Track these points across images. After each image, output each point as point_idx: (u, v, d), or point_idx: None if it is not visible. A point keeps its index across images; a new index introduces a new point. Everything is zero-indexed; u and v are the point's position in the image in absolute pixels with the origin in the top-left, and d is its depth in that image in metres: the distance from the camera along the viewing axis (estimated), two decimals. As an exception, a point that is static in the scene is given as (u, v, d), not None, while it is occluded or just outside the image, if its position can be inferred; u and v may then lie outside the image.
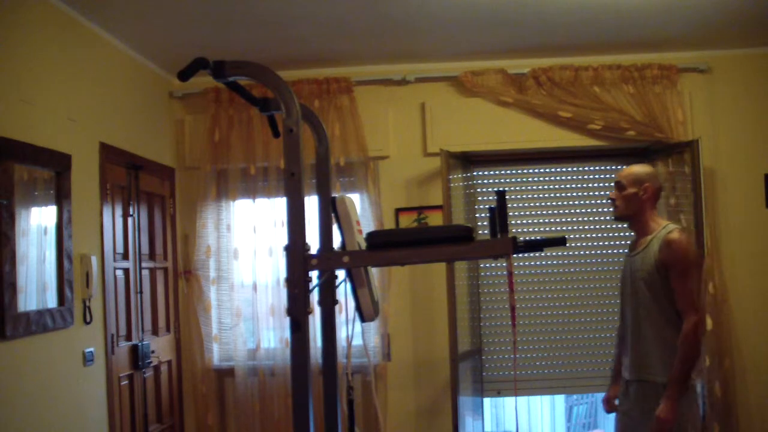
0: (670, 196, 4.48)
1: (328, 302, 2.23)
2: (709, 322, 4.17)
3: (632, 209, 2.89)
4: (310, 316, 1.85)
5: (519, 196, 4.61)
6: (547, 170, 4.66)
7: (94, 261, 3.48)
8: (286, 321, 2.58)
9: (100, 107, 3.69)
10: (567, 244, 2.16)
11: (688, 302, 2.72)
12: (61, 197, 3.22)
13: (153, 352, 4.09)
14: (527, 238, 2.83)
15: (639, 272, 2.84)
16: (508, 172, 4.67)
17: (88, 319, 3.42)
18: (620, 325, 3.06)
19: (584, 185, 4.63)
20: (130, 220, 3.95)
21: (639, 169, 2.94)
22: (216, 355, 4.55)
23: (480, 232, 4.50)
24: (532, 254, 4.54)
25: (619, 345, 3.06)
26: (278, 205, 4.51)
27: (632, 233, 3.01)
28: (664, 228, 2.83)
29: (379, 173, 4.58)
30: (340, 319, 3.46)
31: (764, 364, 4.39)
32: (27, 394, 2.93)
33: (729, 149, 4.51)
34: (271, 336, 4.50)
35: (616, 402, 3.06)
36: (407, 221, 4.55)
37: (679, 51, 4.53)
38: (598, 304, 4.57)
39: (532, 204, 4.63)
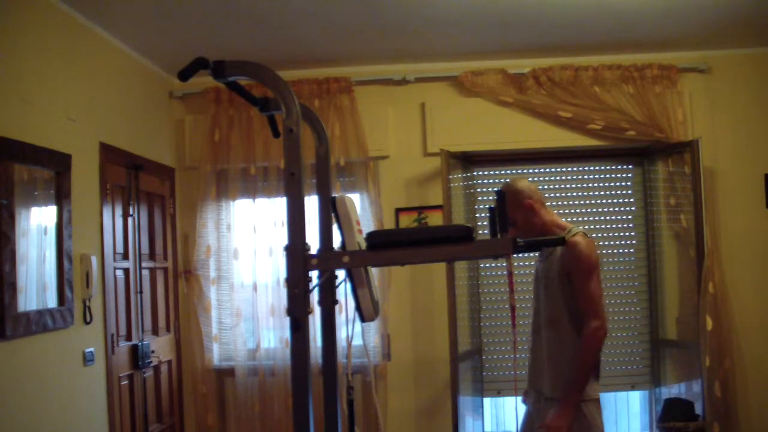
0: (670, 196, 4.48)
1: (328, 302, 2.22)
2: (709, 322, 4.17)
3: (534, 229, 2.77)
4: (310, 316, 1.85)
5: (519, 196, 4.60)
6: (547, 170, 4.65)
7: (94, 261, 3.48)
8: (286, 321, 2.58)
9: (100, 107, 3.69)
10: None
11: (590, 307, 2.59)
12: (61, 197, 3.22)
13: (153, 352, 4.09)
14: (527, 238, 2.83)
15: (543, 280, 2.79)
16: (508, 172, 4.67)
17: (88, 319, 3.42)
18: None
19: (584, 185, 4.63)
20: (130, 220, 3.95)
21: (516, 200, 2.76)
22: (216, 355, 4.55)
23: (480, 232, 4.50)
24: (532, 254, 4.53)
25: None
26: (278, 205, 4.51)
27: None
28: (568, 232, 2.73)
29: (379, 173, 4.58)
30: (340, 319, 3.46)
31: (764, 364, 4.40)
32: (27, 394, 2.93)
33: (729, 149, 4.51)
34: (271, 336, 4.50)
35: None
36: (407, 221, 4.55)
37: (679, 51, 4.53)
38: (598, 304, 4.56)
39: (532, 204, 4.62)
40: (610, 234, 4.61)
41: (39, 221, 3.13)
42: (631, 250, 4.63)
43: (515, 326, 2.70)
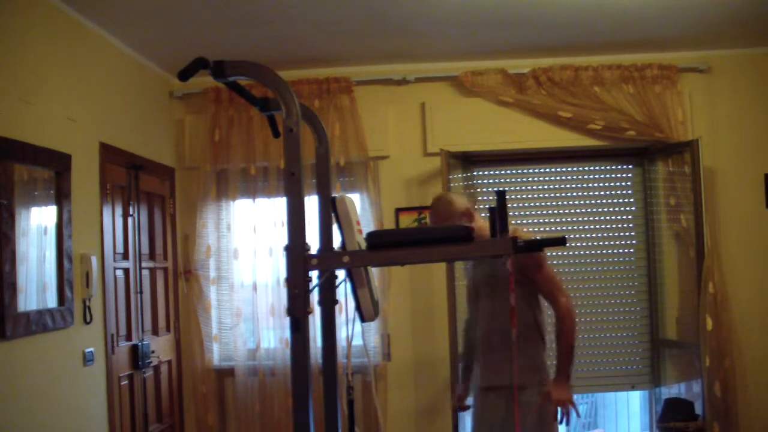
0: (670, 196, 4.48)
1: (328, 302, 2.22)
2: (709, 322, 4.16)
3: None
4: (310, 316, 1.85)
5: (519, 196, 4.61)
6: (547, 170, 4.65)
7: (94, 261, 3.48)
8: (286, 321, 2.58)
9: (100, 107, 3.69)
10: (567, 244, 2.16)
11: (555, 290, 2.79)
12: (61, 197, 3.22)
13: (153, 352, 4.09)
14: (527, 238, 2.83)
15: (487, 288, 2.87)
16: (508, 172, 4.67)
17: (88, 319, 3.42)
18: (468, 332, 3.11)
19: (584, 185, 4.63)
20: (130, 220, 3.95)
21: (451, 211, 2.86)
22: (216, 355, 4.55)
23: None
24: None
25: (469, 347, 3.12)
26: (278, 205, 4.51)
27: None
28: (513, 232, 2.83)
29: (379, 173, 4.58)
30: (340, 319, 3.45)
31: (764, 364, 4.39)
32: (27, 394, 2.93)
33: (729, 149, 4.51)
34: (271, 336, 4.50)
35: (468, 401, 3.12)
36: (407, 221, 4.55)
37: (679, 51, 4.53)
38: (597, 304, 4.57)
39: (532, 204, 4.63)
40: (610, 234, 4.61)
41: (39, 221, 3.13)
42: (631, 250, 4.63)
43: (516, 326, 2.71)
